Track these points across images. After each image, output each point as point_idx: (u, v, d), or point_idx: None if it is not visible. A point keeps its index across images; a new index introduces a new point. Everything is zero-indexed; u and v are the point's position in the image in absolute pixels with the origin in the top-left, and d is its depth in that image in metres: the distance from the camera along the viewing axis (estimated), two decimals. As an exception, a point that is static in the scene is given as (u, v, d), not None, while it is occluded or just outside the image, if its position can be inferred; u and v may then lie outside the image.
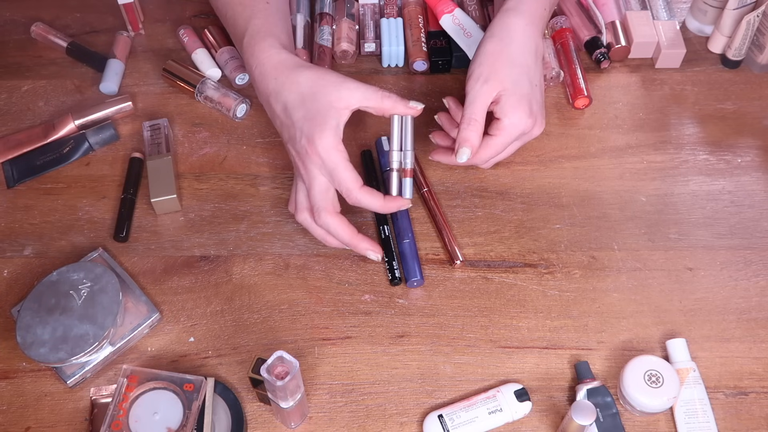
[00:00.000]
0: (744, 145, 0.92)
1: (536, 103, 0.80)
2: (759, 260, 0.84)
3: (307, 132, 0.75)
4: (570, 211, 0.87)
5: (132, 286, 0.81)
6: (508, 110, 0.78)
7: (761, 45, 0.95)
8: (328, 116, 0.75)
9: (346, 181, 0.75)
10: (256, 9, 0.83)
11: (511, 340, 0.79)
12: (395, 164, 0.77)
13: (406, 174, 0.78)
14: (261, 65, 0.79)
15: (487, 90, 0.79)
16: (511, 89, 0.78)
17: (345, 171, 0.74)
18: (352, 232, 0.77)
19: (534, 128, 0.81)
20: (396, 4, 1.02)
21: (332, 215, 0.77)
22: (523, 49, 0.81)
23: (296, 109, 0.76)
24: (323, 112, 0.75)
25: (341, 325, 0.80)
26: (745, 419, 0.74)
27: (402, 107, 0.77)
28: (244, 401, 0.76)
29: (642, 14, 0.99)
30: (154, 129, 0.91)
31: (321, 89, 0.76)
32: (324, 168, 0.75)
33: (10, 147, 0.91)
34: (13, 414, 0.75)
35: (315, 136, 0.74)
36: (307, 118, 0.75)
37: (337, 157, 0.74)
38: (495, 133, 0.79)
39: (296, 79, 0.77)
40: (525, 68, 0.80)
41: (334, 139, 0.74)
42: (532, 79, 0.81)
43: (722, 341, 0.79)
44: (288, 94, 0.77)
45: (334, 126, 0.75)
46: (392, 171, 0.78)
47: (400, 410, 0.75)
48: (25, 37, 1.02)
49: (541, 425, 0.74)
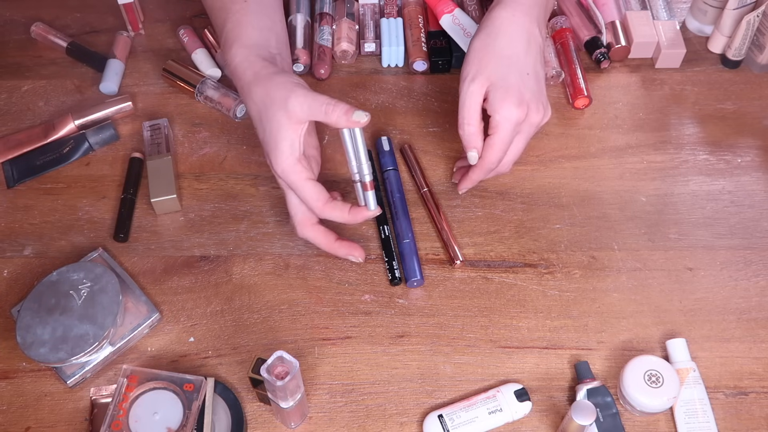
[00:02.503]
0: (744, 145, 0.92)
1: (528, 91, 0.78)
2: (759, 260, 0.84)
3: (267, 153, 0.76)
4: (570, 211, 0.87)
5: (132, 286, 0.81)
6: (496, 105, 0.78)
7: (761, 45, 0.95)
8: (280, 137, 0.74)
9: (309, 199, 0.75)
10: (230, 12, 0.82)
11: (511, 340, 0.79)
12: (355, 176, 0.77)
13: (365, 187, 0.77)
14: (231, 73, 0.80)
15: (474, 89, 0.78)
16: (497, 83, 0.78)
17: (305, 190, 0.75)
18: (329, 241, 0.79)
19: (530, 116, 0.78)
20: (396, 4, 1.02)
21: (307, 227, 0.78)
22: (510, 39, 0.79)
23: (258, 126, 0.77)
24: (275, 132, 0.74)
25: (341, 325, 0.80)
26: (745, 419, 0.74)
27: (344, 121, 0.72)
28: (244, 401, 0.76)
29: (642, 14, 0.99)
30: (154, 129, 0.91)
31: (270, 106, 0.74)
32: (289, 187, 0.76)
33: (10, 147, 0.91)
34: (13, 414, 0.75)
35: (272, 158, 0.75)
36: (265, 140, 0.76)
37: (296, 177, 0.74)
38: (491, 131, 0.79)
39: (251, 96, 0.76)
40: (513, 59, 0.79)
41: (290, 159, 0.74)
42: (521, 68, 0.79)
43: (722, 341, 0.79)
44: (250, 110, 0.77)
45: (288, 146, 0.74)
46: (355, 183, 0.78)
47: (400, 410, 0.75)
48: (25, 37, 1.02)
49: (541, 425, 0.74)
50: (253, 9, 0.82)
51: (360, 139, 0.74)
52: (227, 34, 0.81)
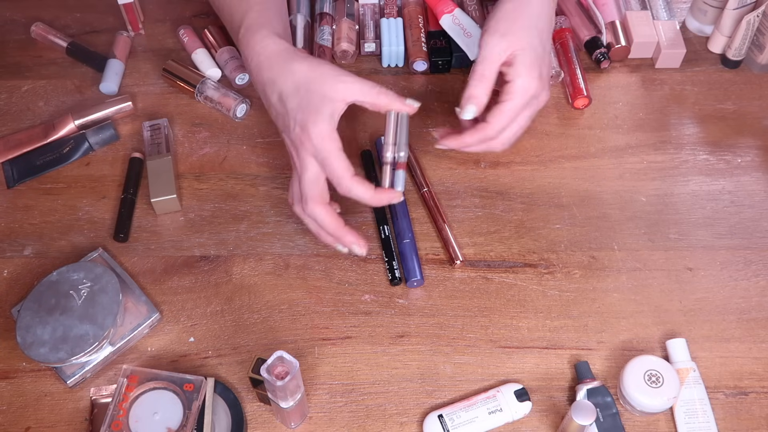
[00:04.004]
0: (744, 145, 0.92)
1: (546, 69, 0.79)
2: (759, 260, 0.84)
3: (300, 120, 0.74)
4: (570, 211, 0.87)
5: (132, 286, 0.81)
6: (521, 71, 0.77)
7: (761, 45, 0.95)
8: (322, 106, 0.74)
9: (338, 169, 0.74)
10: (252, 2, 0.82)
11: (511, 340, 0.79)
12: (389, 158, 0.77)
13: (399, 166, 0.77)
14: (257, 55, 0.78)
15: (503, 46, 0.77)
16: (527, 50, 0.77)
17: (337, 159, 0.74)
18: (339, 224, 0.77)
19: (542, 94, 0.79)
20: (396, 4, 1.02)
21: (319, 205, 0.76)
22: (541, 12, 0.80)
23: (291, 97, 0.75)
24: (317, 101, 0.74)
25: (341, 325, 0.80)
26: (745, 419, 0.74)
27: (399, 104, 0.76)
28: (244, 401, 0.76)
29: (642, 14, 0.99)
30: (154, 129, 0.91)
31: (316, 79, 0.75)
32: (317, 156, 0.74)
33: (10, 147, 0.91)
34: (13, 414, 0.75)
35: (309, 123, 0.74)
36: (301, 106, 0.75)
37: (331, 145, 0.74)
38: (506, 97, 0.77)
39: (291, 68, 0.76)
40: (542, 32, 0.79)
41: (328, 126, 0.74)
42: (546, 44, 0.80)
43: (722, 341, 0.79)
44: (283, 84, 0.76)
45: (328, 115, 0.74)
46: (386, 165, 0.77)
47: (400, 410, 0.75)
48: (25, 37, 1.02)
49: (541, 425, 0.74)
50: (272, 7, 0.83)
51: (405, 124, 0.77)
52: (252, 19, 0.80)
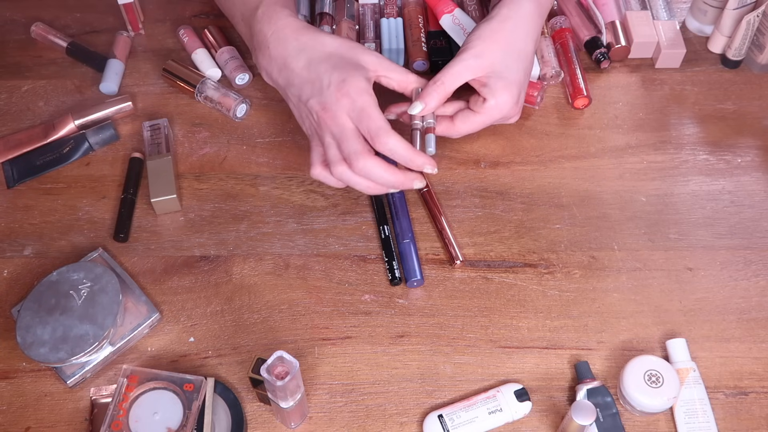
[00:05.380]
0: (744, 145, 0.92)
1: (523, 92, 0.82)
2: (759, 260, 0.84)
3: (336, 78, 0.75)
4: (570, 211, 0.87)
5: (132, 286, 0.81)
6: (497, 92, 0.79)
7: (761, 45, 0.95)
8: (357, 69, 0.76)
9: (377, 120, 0.74)
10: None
11: (511, 340, 0.79)
12: (417, 125, 0.79)
13: (429, 131, 0.78)
14: (280, 30, 0.79)
15: (474, 65, 0.78)
16: (503, 72, 0.79)
17: (377, 111, 0.74)
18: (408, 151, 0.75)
19: (513, 117, 0.83)
20: (396, 4, 1.02)
21: (371, 157, 0.75)
22: (527, 35, 0.81)
23: (322, 63, 0.76)
24: (352, 65, 0.76)
25: (341, 325, 0.80)
26: (745, 419, 0.74)
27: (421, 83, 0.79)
28: (244, 401, 0.76)
29: (642, 14, 0.99)
30: (154, 129, 0.91)
31: (349, 50, 0.77)
32: (352, 111, 0.74)
33: (10, 147, 0.91)
34: (13, 414, 0.75)
35: (347, 79, 0.74)
36: (337, 66, 0.76)
37: (369, 98, 0.75)
38: (478, 110, 0.80)
39: (322, 40, 0.78)
40: (522, 55, 0.80)
41: (366, 84, 0.75)
42: (527, 67, 0.81)
43: (722, 341, 0.79)
44: (312, 51, 0.77)
45: (365, 75, 0.76)
46: (415, 131, 0.79)
47: (400, 410, 0.75)
48: (25, 37, 1.02)
49: (541, 425, 0.74)
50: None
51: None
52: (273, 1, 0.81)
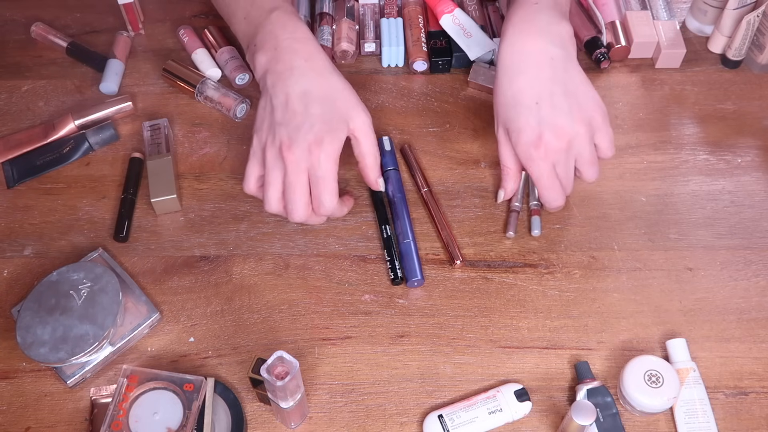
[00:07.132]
0: (744, 145, 0.92)
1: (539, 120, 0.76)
2: (759, 260, 0.84)
3: (317, 131, 0.75)
4: (570, 211, 0.87)
5: (132, 286, 0.81)
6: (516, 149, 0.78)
7: (761, 45, 0.95)
8: (340, 128, 0.77)
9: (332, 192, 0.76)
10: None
11: (511, 340, 0.79)
12: (517, 207, 0.86)
13: (534, 213, 0.86)
14: (296, 40, 0.79)
15: (500, 135, 0.80)
16: (510, 127, 0.78)
17: (334, 183, 0.76)
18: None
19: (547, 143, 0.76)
20: (396, 4, 1.02)
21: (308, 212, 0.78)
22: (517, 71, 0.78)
23: (316, 103, 0.77)
24: (337, 120, 0.77)
25: (341, 325, 0.80)
26: (745, 419, 0.74)
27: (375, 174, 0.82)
28: (244, 401, 0.76)
29: (642, 14, 0.99)
30: (154, 129, 0.91)
31: (346, 100, 0.78)
32: (314, 172, 0.76)
33: (10, 147, 0.91)
34: (13, 414, 0.75)
35: (325, 139, 0.75)
36: (324, 119, 0.76)
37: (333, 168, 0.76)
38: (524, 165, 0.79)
39: (329, 77, 0.78)
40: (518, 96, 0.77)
41: (338, 149, 0.76)
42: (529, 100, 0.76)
43: (722, 341, 0.79)
44: (313, 85, 0.77)
45: (341, 139, 0.77)
46: (513, 212, 0.85)
47: (400, 410, 0.75)
48: (25, 37, 1.02)
49: (541, 425, 0.74)
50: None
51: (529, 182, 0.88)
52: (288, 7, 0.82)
